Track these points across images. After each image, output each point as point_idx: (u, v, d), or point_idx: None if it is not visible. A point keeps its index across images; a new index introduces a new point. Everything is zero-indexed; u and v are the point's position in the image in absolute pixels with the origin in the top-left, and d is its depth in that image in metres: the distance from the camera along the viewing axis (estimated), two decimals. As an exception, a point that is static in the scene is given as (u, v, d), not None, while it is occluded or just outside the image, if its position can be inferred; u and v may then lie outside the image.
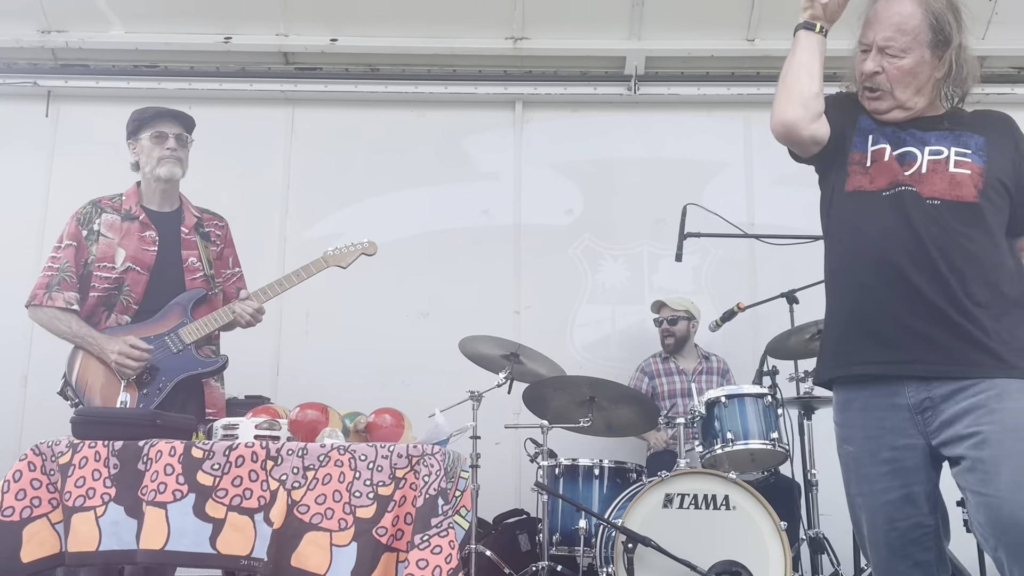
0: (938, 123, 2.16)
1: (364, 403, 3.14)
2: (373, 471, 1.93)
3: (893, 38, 2.10)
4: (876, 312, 2.07)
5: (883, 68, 2.12)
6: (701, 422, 3.79)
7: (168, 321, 3.28)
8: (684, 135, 5.37)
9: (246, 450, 1.99)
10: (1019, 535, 1.86)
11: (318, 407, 2.11)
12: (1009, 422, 1.91)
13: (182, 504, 1.95)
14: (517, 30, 5.24)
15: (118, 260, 3.26)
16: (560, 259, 5.25)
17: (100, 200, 3.40)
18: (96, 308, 3.27)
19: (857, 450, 2.11)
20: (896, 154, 2.14)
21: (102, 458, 2.04)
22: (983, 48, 5.28)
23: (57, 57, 5.31)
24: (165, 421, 2.13)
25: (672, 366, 4.75)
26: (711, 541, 3.30)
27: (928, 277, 2.02)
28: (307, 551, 1.86)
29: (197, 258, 3.39)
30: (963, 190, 2.07)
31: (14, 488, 2.04)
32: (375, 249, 3.56)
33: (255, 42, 5.27)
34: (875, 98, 2.17)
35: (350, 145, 5.35)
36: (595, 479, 3.94)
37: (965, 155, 2.09)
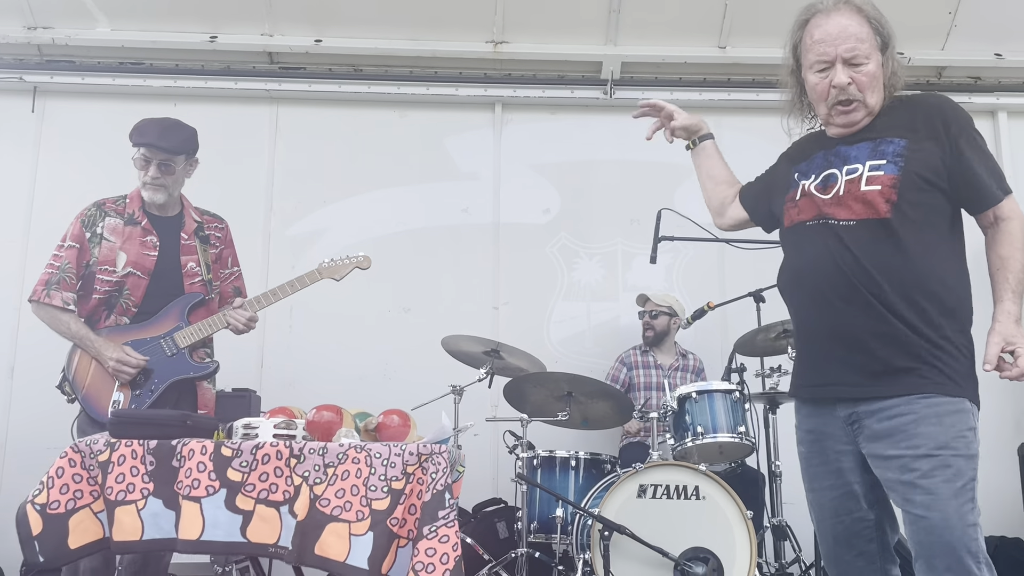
0: (863, 131, 2.25)
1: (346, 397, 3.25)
2: (387, 467, 2.11)
3: (856, 47, 2.18)
4: (808, 338, 2.26)
5: (852, 78, 2.19)
6: (673, 416, 3.98)
7: (164, 324, 3.40)
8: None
9: (271, 449, 2.16)
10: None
11: (333, 409, 2.27)
12: (923, 448, 2.02)
13: (215, 498, 2.12)
14: (497, 34, 5.38)
15: (119, 264, 3.37)
16: (537, 257, 5.42)
17: (104, 203, 3.49)
18: (97, 308, 3.38)
19: (807, 451, 2.29)
20: (819, 180, 2.25)
21: (139, 456, 2.21)
22: (942, 58, 5.53)
23: (43, 53, 5.36)
24: (194, 421, 2.30)
25: (651, 359, 4.94)
26: (682, 529, 3.50)
27: (846, 302, 2.12)
28: (328, 540, 2.04)
29: (196, 263, 3.51)
30: (875, 208, 2.13)
31: (58, 484, 2.20)
32: (369, 264, 3.71)
33: (240, 41, 5.36)
34: (850, 110, 2.23)
35: (333, 144, 5.46)
36: (571, 470, 4.11)
37: (879, 167, 2.16)
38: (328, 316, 5.22)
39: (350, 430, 2.24)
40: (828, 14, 2.22)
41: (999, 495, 4.99)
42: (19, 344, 5.04)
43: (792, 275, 2.30)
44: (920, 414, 2.05)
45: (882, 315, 2.09)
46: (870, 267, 2.11)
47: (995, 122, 5.58)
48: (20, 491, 4.55)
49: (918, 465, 2.01)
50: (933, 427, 2.03)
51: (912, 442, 2.04)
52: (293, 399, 4.33)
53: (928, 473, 2.00)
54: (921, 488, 2.00)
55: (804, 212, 2.26)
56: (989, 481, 4.91)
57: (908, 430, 2.04)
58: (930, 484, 2.00)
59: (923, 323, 2.09)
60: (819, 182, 2.25)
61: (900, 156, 2.16)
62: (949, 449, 2.02)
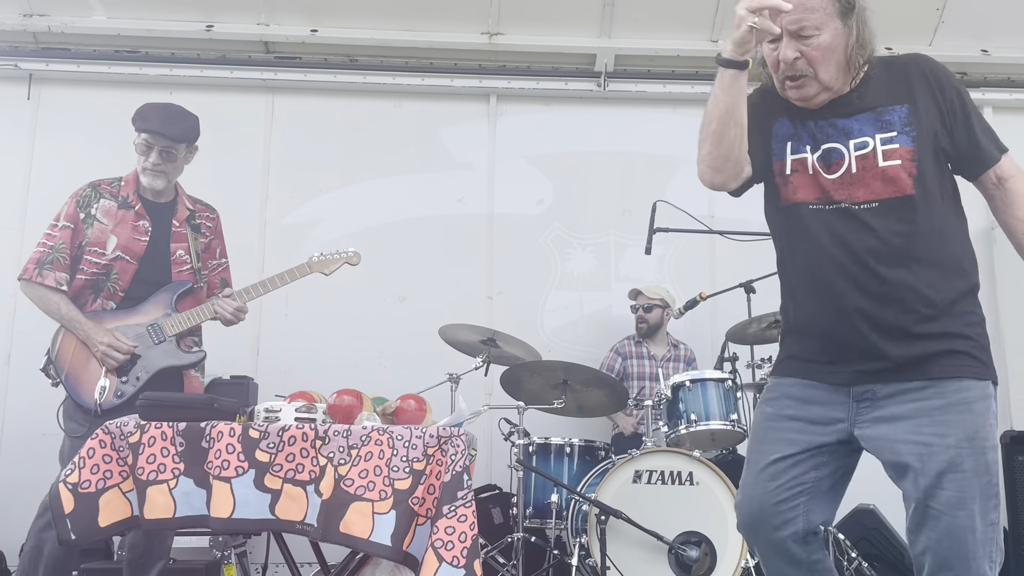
0: (853, 101, 2.07)
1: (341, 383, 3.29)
2: (409, 449, 2.18)
3: (803, 18, 1.99)
4: (823, 322, 2.06)
5: (801, 52, 2.01)
6: (667, 404, 4.07)
7: (152, 311, 3.37)
8: (650, 130, 5.63)
9: (297, 431, 2.24)
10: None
11: (353, 393, 2.35)
12: (951, 438, 1.89)
13: (244, 479, 2.20)
14: (493, 26, 5.43)
15: (109, 247, 3.34)
16: (531, 247, 5.49)
17: (100, 184, 3.45)
18: (83, 290, 3.34)
19: (776, 412, 2.11)
20: (819, 156, 2.06)
21: (168, 437, 2.28)
22: (929, 53, 5.55)
23: (39, 41, 5.36)
24: (221, 405, 2.36)
25: (644, 350, 5.03)
26: (676, 514, 3.60)
27: (876, 287, 1.98)
28: (352, 518, 2.11)
29: (186, 251, 3.48)
30: (898, 184, 2.00)
31: (89, 464, 2.27)
32: (359, 260, 3.70)
33: (236, 30, 5.38)
34: (798, 86, 2.06)
35: (329, 134, 5.50)
36: (566, 456, 4.20)
37: (891, 140, 2.01)
38: (323, 304, 5.25)
39: (371, 413, 2.31)
40: None
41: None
42: (15, 330, 5.05)
43: (806, 261, 2.08)
44: (950, 399, 1.93)
45: (914, 298, 1.97)
46: (898, 250, 1.98)
47: (981, 117, 5.68)
48: (16, 477, 4.66)
49: (945, 456, 1.88)
50: (963, 415, 1.92)
51: (937, 429, 1.91)
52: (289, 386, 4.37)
53: (956, 467, 1.88)
54: (947, 484, 1.88)
55: (803, 191, 2.08)
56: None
57: (934, 416, 1.92)
58: (961, 479, 1.87)
59: (953, 303, 1.99)
60: (819, 157, 2.06)
61: (909, 124, 2.01)
62: (979, 440, 1.90)
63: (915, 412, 1.94)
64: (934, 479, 1.89)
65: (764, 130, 2.15)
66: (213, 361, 4.81)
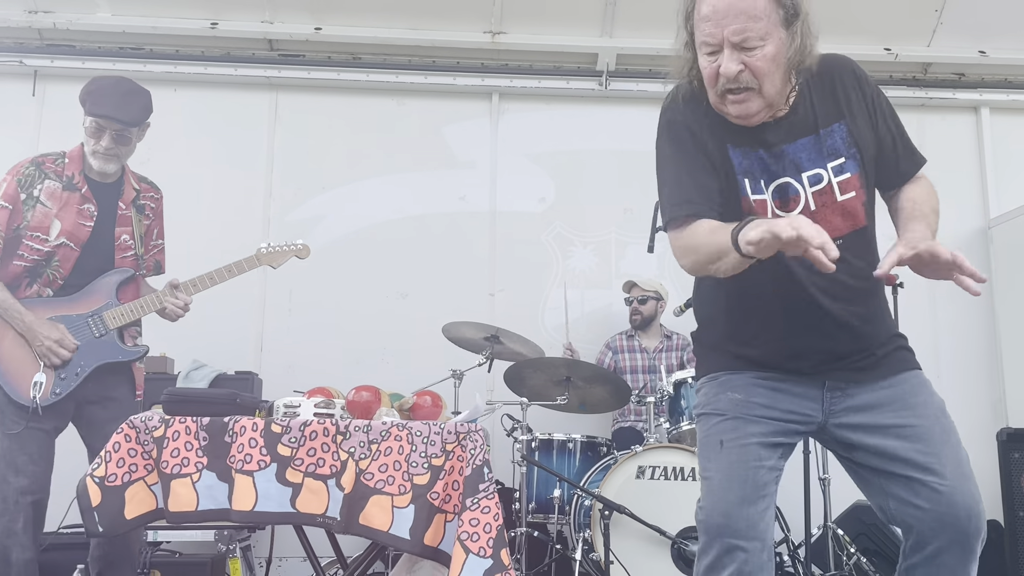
0: (793, 121, 1.94)
1: (344, 378, 3.35)
2: (427, 445, 2.23)
3: (747, 28, 1.81)
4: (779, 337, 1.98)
5: (745, 64, 1.83)
6: (669, 400, 4.12)
7: (92, 301, 3.18)
8: (652, 129, 5.52)
9: (318, 426, 2.28)
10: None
11: (371, 390, 2.40)
12: (930, 417, 1.92)
13: (266, 472, 2.25)
14: (495, 24, 5.47)
15: (52, 233, 3.12)
16: (533, 245, 5.53)
17: (44, 162, 3.20)
18: (19, 276, 3.12)
19: (746, 399, 1.99)
20: (774, 192, 1.93)
21: (192, 432, 2.33)
22: (928, 55, 5.68)
23: (44, 38, 5.39)
24: (243, 400, 2.40)
25: (635, 343, 5.07)
26: (679, 509, 3.64)
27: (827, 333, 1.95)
28: (372, 511, 2.16)
29: (130, 235, 3.29)
30: (856, 217, 1.94)
31: (115, 458, 2.31)
32: (308, 253, 3.54)
33: (241, 28, 5.40)
34: (740, 100, 1.87)
35: (332, 131, 5.53)
36: (568, 452, 4.26)
37: (842, 168, 1.92)
38: (327, 300, 5.31)
39: (389, 409, 2.36)
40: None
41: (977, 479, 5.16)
42: None
43: (762, 297, 1.97)
44: (913, 383, 1.97)
45: (864, 327, 1.97)
46: (856, 281, 1.94)
47: (978, 117, 5.75)
48: None
49: (930, 434, 1.89)
50: (929, 396, 1.96)
51: (916, 411, 1.92)
52: (293, 382, 4.45)
53: (944, 441, 1.89)
54: (939, 458, 1.88)
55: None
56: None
57: (906, 399, 1.94)
58: (950, 452, 1.89)
59: (887, 315, 2.05)
60: (775, 192, 1.93)
61: (852, 145, 1.93)
62: (946, 417, 1.94)
63: (889, 398, 1.95)
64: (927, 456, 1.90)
65: (723, 159, 1.95)
66: (218, 356, 4.91)
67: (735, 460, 1.96)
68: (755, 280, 1.90)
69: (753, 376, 2.01)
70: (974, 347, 5.48)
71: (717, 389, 2.05)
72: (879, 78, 5.65)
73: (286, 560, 4.91)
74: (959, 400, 5.38)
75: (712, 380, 2.07)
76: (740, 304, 2.02)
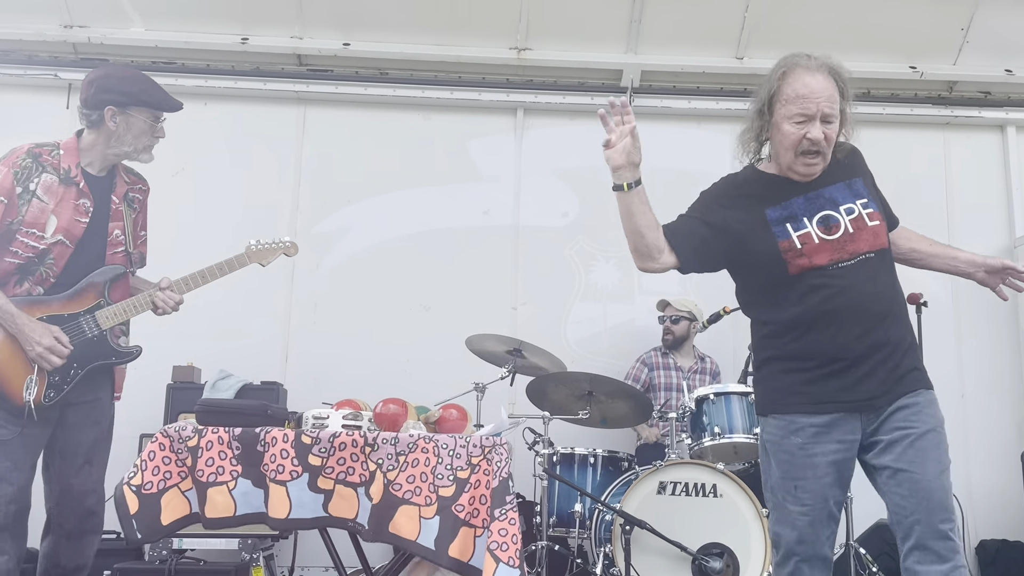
0: (831, 173, 2.47)
1: (368, 391, 3.41)
2: (453, 457, 2.27)
3: (832, 107, 2.38)
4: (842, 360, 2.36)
5: (824, 133, 2.38)
6: (691, 416, 4.13)
7: (83, 300, 3.06)
8: (675, 145, 5.69)
9: (347, 438, 2.33)
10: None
11: (398, 402, 2.44)
12: (931, 424, 2.32)
13: (299, 482, 2.30)
14: (521, 41, 5.52)
15: (49, 230, 3.00)
16: (556, 259, 5.56)
17: (40, 154, 3.06)
18: (9, 273, 2.99)
19: (806, 443, 2.38)
20: (818, 222, 2.42)
21: (225, 442, 2.38)
22: (954, 73, 5.68)
23: (78, 51, 5.50)
24: (273, 412, 2.45)
25: (671, 361, 5.09)
26: (700, 525, 3.66)
27: (881, 321, 2.37)
28: (401, 521, 2.21)
29: (121, 231, 3.20)
30: (881, 238, 2.44)
31: (150, 466, 2.37)
32: (296, 251, 3.47)
33: (270, 43, 5.50)
34: (814, 163, 2.43)
35: (359, 145, 5.60)
36: (590, 467, 4.27)
37: (866, 205, 2.45)
38: (351, 312, 5.37)
39: (416, 422, 2.40)
40: (812, 72, 2.38)
41: (1002, 499, 5.15)
42: None
43: (825, 311, 2.38)
44: (925, 399, 2.37)
45: (900, 329, 2.41)
46: (887, 290, 2.43)
47: (1004, 136, 5.74)
48: None
49: (929, 437, 2.31)
50: (935, 410, 2.37)
51: (922, 418, 2.33)
52: (317, 392, 4.50)
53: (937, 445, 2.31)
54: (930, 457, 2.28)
55: (819, 255, 2.39)
56: (992, 485, 5.15)
57: (922, 409, 2.34)
58: (938, 455, 2.30)
59: (911, 333, 2.48)
60: (818, 224, 2.42)
61: (869, 193, 2.50)
62: (943, 430, 2.36)
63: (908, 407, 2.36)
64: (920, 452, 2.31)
65: (758, 220, 2.46)
66: (243, 366, 4.98)
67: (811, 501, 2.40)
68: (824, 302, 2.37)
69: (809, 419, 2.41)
70: (998, 367, 5.45)
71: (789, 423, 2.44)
72: (904, 96, 5.70)
73: (308, 570, 4.95)
74: (983, 420, 5.37)
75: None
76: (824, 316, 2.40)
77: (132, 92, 3.14)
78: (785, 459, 2.42)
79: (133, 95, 3.13)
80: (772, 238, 2.42)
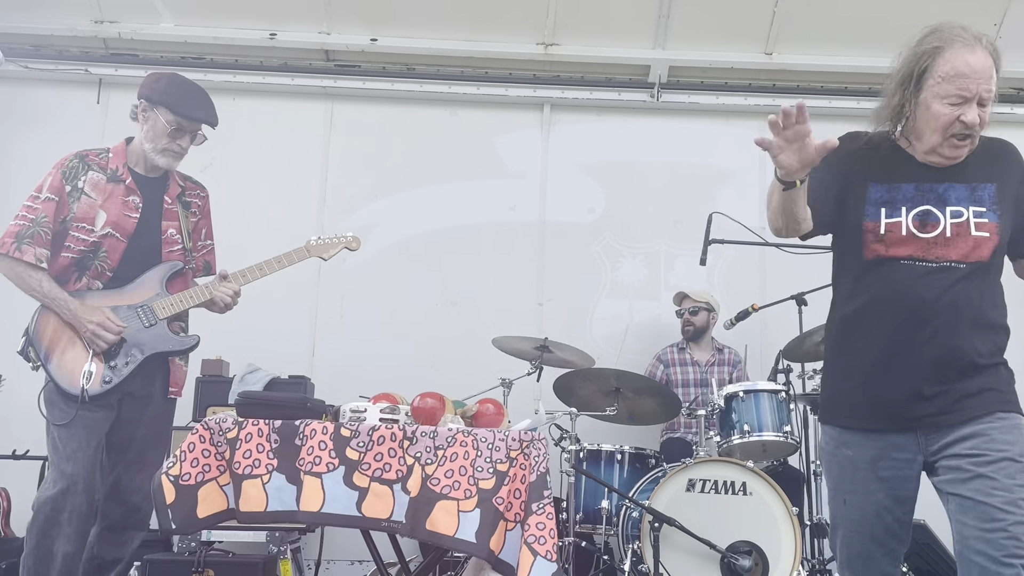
0: (955, 170, 2.28)
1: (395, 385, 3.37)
2: (492, 451, 2.28)
3: (991, 89, 2.19)
4: (895, 368, 2.24)
5: (980, 117, 2.19)
6: (719, 414, 4.11)
7: (142, 292, 3.14)
8: (702, 141, 5.67)
9: (386, 431, 2.34)
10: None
11: (436, 396, 2.44)
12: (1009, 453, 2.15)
13: (334, 475, 2.30)
14: (548, 36, 5.51)
15: (98, 223, 3.11)
16: (582, 255, 5.55)
17: (87, 155, 3.20)
18: (68, 269, 3.11)
19: (856, 456, 2.30)
20: (915, 216, 2.26)
21: (264, 434, 2.39)
22: (986, 69, 5.60)
23: (108, 47, 5.55)
24: (313, 404, 2.47)
25: (687, 356, 5.07)
26: (729, 523, 3.65)
27: (948, 337, 2.20)
28: (438, 516, 2.21)
29: (176, 230, 3.27)
30: (982, 251, 2.23)
31: (189, 458, 2.38)
32: (358, 245, 3.54)
33: (298, 39, 5.52)
34: (963, 146, 2.24)
35: (386, 140, 5.61)
36: (616, 463, 4.25)
37: (982, 214, 2.25)
38: (377, 307, 5.39)
39: (454, 416, 2.41)
40: (972, 49, 2.21)
41: None
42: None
43: (888, 309, 2.27)
44: (1000, 425, 2.19)
45: (976, 350, 2.22)
46: (973, 311, 2.23)
47: (1037, 133, 5.65)
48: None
49: (1003, 466, 2.13)
50: (1011, 435, 2.18)
51: (994, 446, 2.16)
52: (343, 386, 4.52)
53: (1013, 474, 2.13)
54: (1002, 486, 2.11)
55: (897, 248, 2.26)
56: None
57: (992, 435, 2.17)
58: (1012, 484, 2.11)
59: (997, 355, 2.28)
60: (915, 217, 2.26)
61: (995, 203, 2.27)
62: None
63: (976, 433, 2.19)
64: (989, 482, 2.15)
65: (859, 183, 2.33)
66: (271, 360, 5.00)
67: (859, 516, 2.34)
68: (891, 299, 2.25)
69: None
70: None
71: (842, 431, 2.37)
72: (937, 92, 5.63)
73: (334, 563, 4.98)
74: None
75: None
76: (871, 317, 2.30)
77: (161, 90, 3.25)
78: (836, 472, 2.36)
79: (161, 93, 3.24)
80: (862, 214, 2.30)
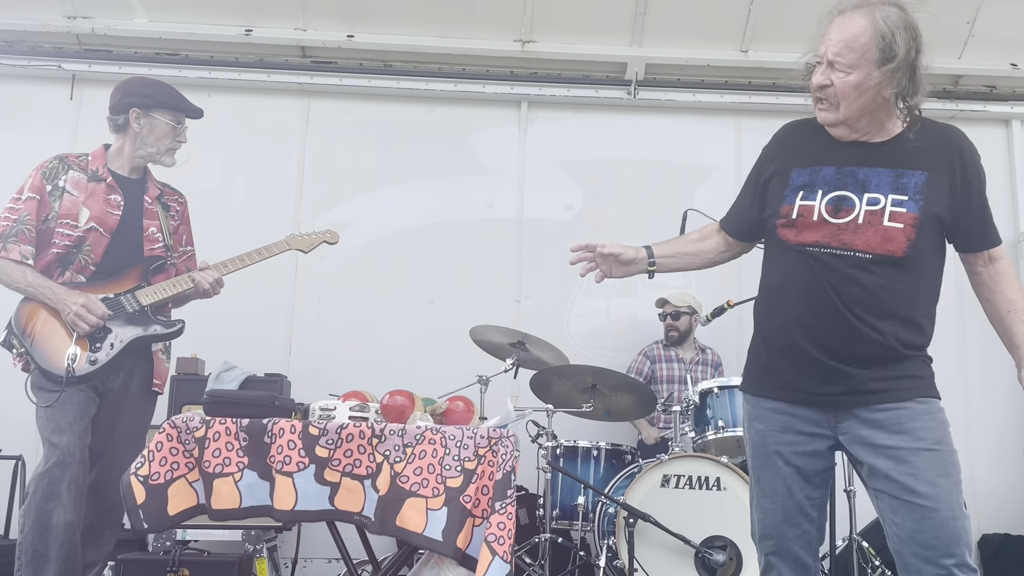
0: (879, 154, 2.20)
1: (371, 383, 3.40)
2: (460, 448, 2.28)
3: (841, 53, 2.13)
4: (795, 353, 2.20)
5: (832, 81, 2.15)
6: (694, 410, 4.13)
7: (125, 282, 3.23)
8: (679, 139, 5.69)
9: (354, 429, 2.33)
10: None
11: (405, 394, 2.44)
12: (923, 443, 2.09)
13: (305, 473, 2.30)
14: (525, 33, 5.51)
15: (82, 219, 3.19)
16: (559, 252, 5.48)
17: (67, 156, 3.31)
18: (52, 265, 3.18)
19: (765, 429, 2.26)
20: (828, 201, 2.18)
21: (232, 432, 2.39)
22: (959, 67, 5.66)
23: (82, 43, 5.49)
24: (280, 403, 2.46)
25: (672, 354, 5.10)
26: (703, 518, 3.67)
27: (847, 328, 2.13)
28: (408, 513, 2.21)
29: (158, 228, 3.36)
30: (894, 244, 2.13)
31: (157, 457, 2.38)
32: (337, 238, 3.60)
33: (274, 35, 5.48)
34: (823, 109, 2.21)
35: (362, 137, 5.59)
36: (593, 459, 4.27)
37: (901, 203, 2.14)
38: (354, 304, 5.37)
39: (423, 414, 2.40)
40: (843, 13, 2.17)
41: (1004, 494, 5.15)
42: None
43: (786, 296, 2.24)
44: (915, 410, 2.13)
45: (880, 343, 2.14)
46: (876, 302, 2.14)
47: (1009, 131, 5.73)
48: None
49: (919, 458, 2.08)
50: (927, 423, 2.12)
51: (910, 435, 2.10)
52: (320, 384, 4.51)
53: (930, 466, 2.07)
54: (925, 480, 2.06)
55: (806, 233, 2.20)
56: (995, 480, 5.15)
57: (903, 424, 2.11)
58: (934, 477, 2.06)
59: (911, 347, 2.18)
60: (829, 202, 2.19)
61: (919, 193, 2.15)
62: (945, 445, 2.11)
63: (885, 420, 2.13)
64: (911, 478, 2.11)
65: (785, 168, 2.31)
66: (246, 358, 4.97)
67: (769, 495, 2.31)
68: (797, 285, 2.20)
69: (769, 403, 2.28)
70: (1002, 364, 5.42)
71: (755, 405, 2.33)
72: (909, 90, 5.67)
73: (311, 561, 4.96)
74: (987, 417, 5.36)
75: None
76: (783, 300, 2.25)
77: (155, 95, 3.34)
78: (750, 448, 2.33)
79: (155, 97, 3.34)
80: (780, 199, 2.26)
